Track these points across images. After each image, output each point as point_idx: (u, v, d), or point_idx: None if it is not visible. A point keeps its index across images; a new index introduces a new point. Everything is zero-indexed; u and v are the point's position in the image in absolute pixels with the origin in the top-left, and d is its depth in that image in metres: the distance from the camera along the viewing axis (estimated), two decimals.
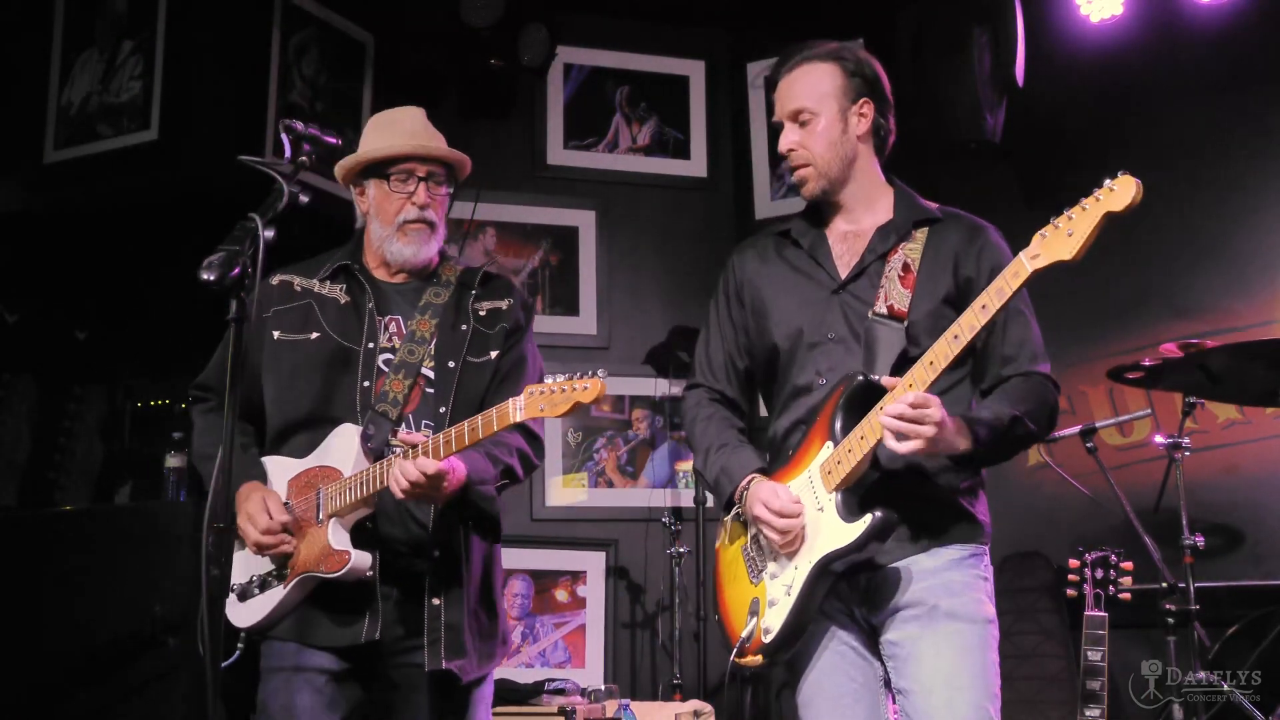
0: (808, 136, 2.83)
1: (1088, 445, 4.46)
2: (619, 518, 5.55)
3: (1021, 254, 2.37)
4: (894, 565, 2.68)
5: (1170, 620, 4.18)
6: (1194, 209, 5.10)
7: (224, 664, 2.78)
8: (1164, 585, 4.23)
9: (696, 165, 5.96)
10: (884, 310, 2.72)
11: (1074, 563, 4.09)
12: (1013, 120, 5.00)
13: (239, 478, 2.88)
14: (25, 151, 5.00)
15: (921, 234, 2.80)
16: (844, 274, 2.82)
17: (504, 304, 3.11)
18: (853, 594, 2.72)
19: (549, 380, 2.64)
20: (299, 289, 3.05)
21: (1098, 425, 4.52)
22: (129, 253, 5.08)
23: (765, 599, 2.70)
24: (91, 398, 5.19)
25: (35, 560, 4.09)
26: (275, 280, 3.08)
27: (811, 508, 2.65)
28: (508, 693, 4.39)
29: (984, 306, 2.43)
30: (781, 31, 5.87)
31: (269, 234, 2.37)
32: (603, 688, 4.50)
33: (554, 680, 4.48)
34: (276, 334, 3.00)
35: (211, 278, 2.28)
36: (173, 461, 4.22)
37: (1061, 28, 5.24)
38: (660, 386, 5.53)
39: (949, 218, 2.86)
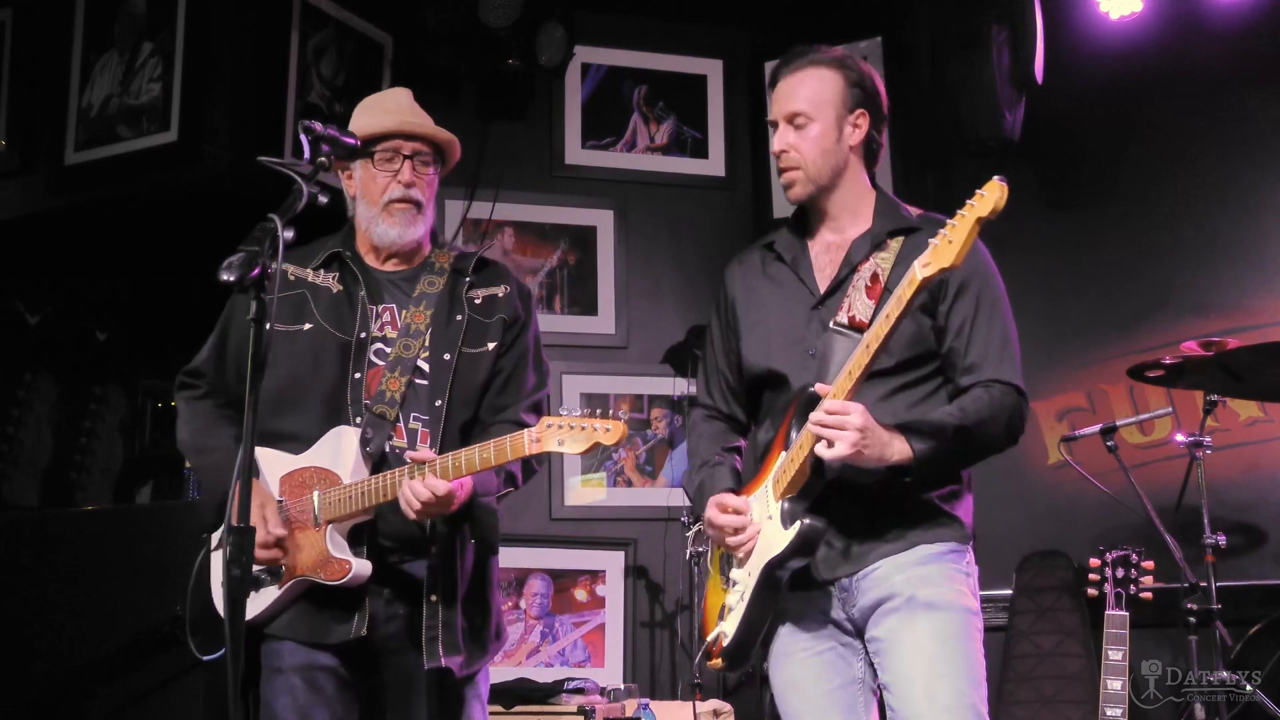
0: (801, 140, 2.82)
1: (1108, 444, 4.45)
2: (638, 517, 5.54)
3: (915, 261, 2.42)
4: (872, 565, 2.69)
5: (1192, 619, 4.17)
6: (1214, 206, 5.07)
7: (209, 658, 2.80)
8: (1185, 584, 4.22)
9: (715, 164, 5.94)
10: (844, 320, 2.72)
11: (1095, 562, 4.09)
12: (1032, 118, 4.98)
13: (230, 472, 2.82)
14: (46, 153, 5.02)
15: (896, 243, 2.79)
16: (823, 288, 2.82)
17: (499, 290, 3.06)
18: (834, 595, 2.74)
19: (564, 413, 2.64)
20: (293, 278, 3.00)
21: (1118, 424, 4.50)
22: (149, 253, 5.10)
23: (729, 605, 2.76)
24: (112, 398, 5.22)
25: (57, 560, 4.12)
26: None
27: (763, 515, 2.69)
28: (527, 692, 4.40)
29: (887, 315, 2.46)
30: (800, 30, 5.86)
31: (288, 234, 2.38)
32: (622, 687, 4.50)
33: (573, 679, 4.48)
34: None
35: (232, 278, 2.28)
36: None
37: (1081, 25, 5.22)
38: (679, 386, 5.52)
39: (925, 224, 2.80)
